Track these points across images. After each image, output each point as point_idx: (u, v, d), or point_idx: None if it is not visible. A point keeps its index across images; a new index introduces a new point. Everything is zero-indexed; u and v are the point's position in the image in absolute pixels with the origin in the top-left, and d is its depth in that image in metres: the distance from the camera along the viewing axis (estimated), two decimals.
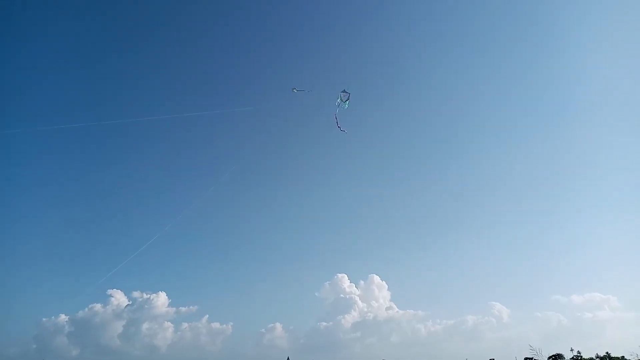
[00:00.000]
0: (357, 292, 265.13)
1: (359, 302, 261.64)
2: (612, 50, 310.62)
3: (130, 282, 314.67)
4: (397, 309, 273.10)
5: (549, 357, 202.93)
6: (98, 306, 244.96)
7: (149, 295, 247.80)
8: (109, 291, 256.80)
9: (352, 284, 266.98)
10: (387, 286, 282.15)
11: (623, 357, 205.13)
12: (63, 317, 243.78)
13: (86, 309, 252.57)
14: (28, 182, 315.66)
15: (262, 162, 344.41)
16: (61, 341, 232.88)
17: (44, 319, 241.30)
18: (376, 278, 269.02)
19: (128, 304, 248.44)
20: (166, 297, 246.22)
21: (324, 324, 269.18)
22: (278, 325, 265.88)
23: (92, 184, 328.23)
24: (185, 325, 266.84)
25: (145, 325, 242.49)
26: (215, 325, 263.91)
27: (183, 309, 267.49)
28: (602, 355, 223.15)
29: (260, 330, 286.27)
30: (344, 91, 33.87)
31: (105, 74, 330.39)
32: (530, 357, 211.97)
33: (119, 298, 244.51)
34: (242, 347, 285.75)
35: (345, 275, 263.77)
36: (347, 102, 34.00)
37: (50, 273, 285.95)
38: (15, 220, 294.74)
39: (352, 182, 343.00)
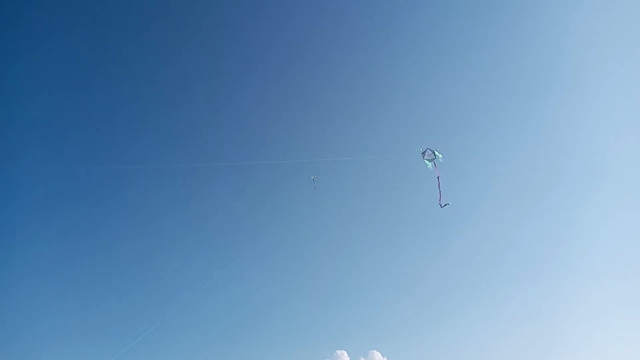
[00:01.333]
0: None
1: None
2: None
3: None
4: None
5: None
6: None
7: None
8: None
9: None
10: None
11: None
12: None
13: None
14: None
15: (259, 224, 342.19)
16: None
17: None
18: (377, 354, 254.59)
19: None
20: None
21: None
22: None
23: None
24: None
25: None
26: None
27: None
28: None
29: None
30: (424, 151, 29.95)
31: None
32: None
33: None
34: None
35: (345, 352, 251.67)
36: (437, 155, 29.48)
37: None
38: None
39: (352, 249, 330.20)
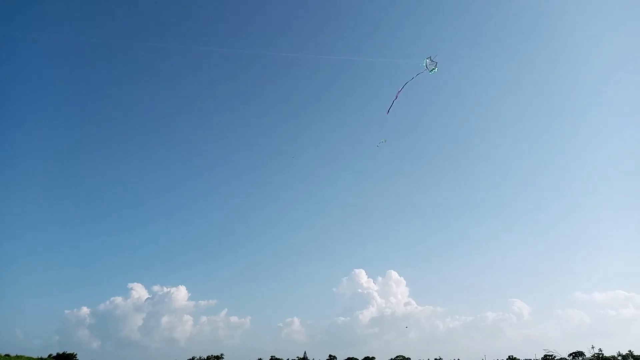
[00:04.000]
0: (375, 287, 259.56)
1: (377, 297, 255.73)
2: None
3: (150, 276, 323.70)
4: (415, 305, 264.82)
5: (569, 355, 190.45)
6: (119, 299, 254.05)
7: (169, 289, 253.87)
8: (130, 285, 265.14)
9: (369, 279, 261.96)
10: (405, 282, 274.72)
11: None
12: (85, 310, 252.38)
13: (107, 302, 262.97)
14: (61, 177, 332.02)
15: (280, 158, 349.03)
16: (83, 334, 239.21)
17: (66, 312, 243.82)
18: (394, 274, 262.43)
19: (148, 297, 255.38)
20: (186, 291, 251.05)
21: (342, 319, 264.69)
22: (296, 320, 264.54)
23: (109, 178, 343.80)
24: (204, 318, 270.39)
25: (164, 319, 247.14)
26: (234, 319, 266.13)
27: (202, 302, 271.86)
28: (624, 354, 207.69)
29: (278, 325, 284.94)
30: (430, 58, 30.88)
31: None
32: (550, 354, 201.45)
33: (140, 291, 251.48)
34: (260, 341, 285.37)
35: (363, 271, 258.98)
36: (435, 69, 30.84)
37: (73, 266, 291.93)
38: (38, 216, 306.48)
39: (372, 178, 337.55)
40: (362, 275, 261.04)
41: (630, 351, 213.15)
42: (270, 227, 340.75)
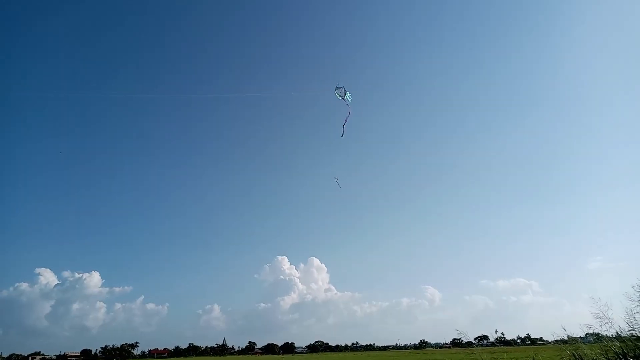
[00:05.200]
0: (297, 274, 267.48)
1: (299, 284, 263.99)
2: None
3: (60, 260, 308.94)
4: (335, 291, 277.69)
5: (475, 338, 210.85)
6: (24, 285, 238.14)
7: (80, 275, 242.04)
8: (37, 270, 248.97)
9: (292, 266, 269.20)
10: (326, 269, 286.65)
11: (541, 338, 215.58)
12: None
13: (11, 288, 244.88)
14: None
15: (204, 149, 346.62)
16: None
17: None
18: (316, 261, 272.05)
19: (57, 284, 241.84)
20: (99, 277, 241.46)
21: (263, 305, 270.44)
22: (216, 307, 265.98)
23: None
24: (118, 305, 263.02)
25: (75, 306, 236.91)
26: (151, 306, 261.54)
27: (117, 289, 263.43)
28: (523, 337, 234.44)
29: (197, 312, 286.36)
30: (337, 87, 31.70)
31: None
32: (458, 338, 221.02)
33: (48, 277, 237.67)
34: (178, 328, 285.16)
35: (286, 257, 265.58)
36: (347, 94, 31.51)
37: None
38: None
39: (296, 169, 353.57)
40: (284, 262, 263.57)
41: (528, 334, 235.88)
42: (190, 214, 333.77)
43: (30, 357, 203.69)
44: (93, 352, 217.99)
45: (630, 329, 14.93)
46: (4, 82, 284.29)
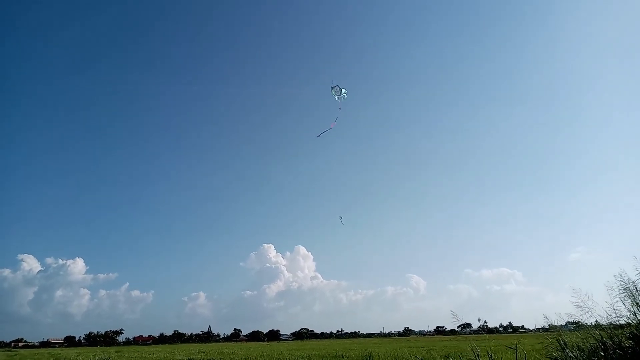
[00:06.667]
0: (284, 262, 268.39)
1: (285, 272, 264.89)
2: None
3: (44, 247, 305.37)
4: (321, 279, 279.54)
5: (458, 326, 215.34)
6: (7, 271, 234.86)
7: (64, 261, 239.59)
8: (20, 256, 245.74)
9: (278, 254, 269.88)
10: (312, 257, 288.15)
11: (523, 326, 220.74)
12: None
13: None
14: None
15: (191, 138, 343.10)
16: None
17: None
18: (302, 249, 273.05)
19: (41, 270, 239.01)
20: (83, 264, 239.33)
21: (249, 293, 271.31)
22: (201, 294, 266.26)
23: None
24: (103, 292, 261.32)
25: (59, 292, 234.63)
26: (136, 293, 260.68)
27: (101, 276, 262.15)
28: (505, 325, 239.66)
29: (183, 299, 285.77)
30: (332, 87, 31.30)
31: None
32: (442, 326, 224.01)
33: (31, 263, 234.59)
34: (163, 315, 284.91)
35: (272, 246, 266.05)
36: (343, 92, 31.09)
37: None
38: None
39: (282, 155, 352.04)
40: (270, 250, 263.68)
41: (510, 322, 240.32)
42: (176, 201, 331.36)
43: (12, 344, 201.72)
44: (77, 339, 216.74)
45: (610, 317, 15.21)
46: None
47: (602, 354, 14.21)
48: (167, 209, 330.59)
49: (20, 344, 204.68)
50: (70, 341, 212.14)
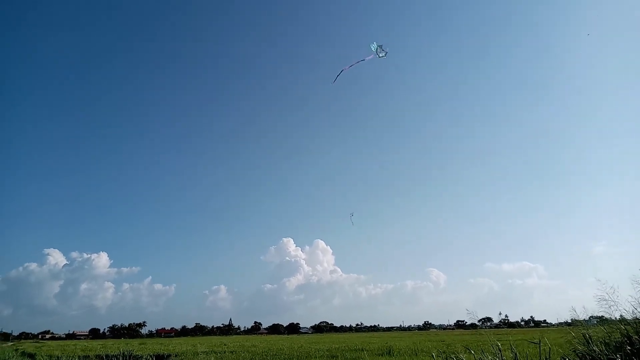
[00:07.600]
0: (303, 256, 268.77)
1: (305, 265, 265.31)
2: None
3: (69, 241, 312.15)
4: (340, 273, 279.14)
5: (479, 320, 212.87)
6: (33, 265, 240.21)
7: (89, 255, 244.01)
8: (46, 250, 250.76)
9: (297, 247, 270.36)
10: (331, 251, 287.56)
11: (545, 320, 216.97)
12: None
13: (20, 268, 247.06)
14: None
15: (209, 127, 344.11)
16: None
17: None
18: (321, 243, 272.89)
19: (66, 264, 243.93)
20: (107, 258, 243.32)
21: (269, 286, 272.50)
22: (222, 288, 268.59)
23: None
24: (126, 286, 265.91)
25: (84, 286, 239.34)
26: (158, 286, 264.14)
27: (125, 269, 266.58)
28: (526, 319, 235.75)
29: (204, 292, 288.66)
30: (381, 46, 30.48)
31: None
32: (462, 320, 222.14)
33: (57, 257, 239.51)
34: (184, 308, 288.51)
35: (291, 240, 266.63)
36: (384, 55, 30.26)
37: None
38: None
39: (301, 150, 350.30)
40: (290, 243, 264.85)
41: (532, 317, 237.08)
42: (197, 195, 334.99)
43: (40, 336, 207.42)
44: (101, 332, 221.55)
45: (636, 311, 14.81)
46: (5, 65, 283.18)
47: (629, 348, 13.82)
48: (189, 204, 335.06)
49: (48, 336, 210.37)
50: (95, 333, 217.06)
